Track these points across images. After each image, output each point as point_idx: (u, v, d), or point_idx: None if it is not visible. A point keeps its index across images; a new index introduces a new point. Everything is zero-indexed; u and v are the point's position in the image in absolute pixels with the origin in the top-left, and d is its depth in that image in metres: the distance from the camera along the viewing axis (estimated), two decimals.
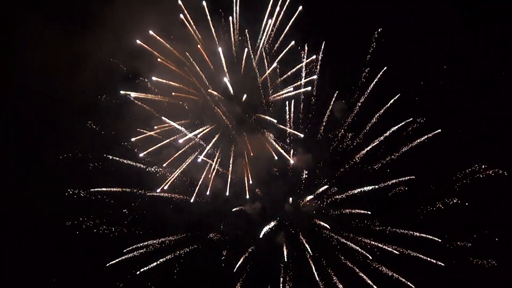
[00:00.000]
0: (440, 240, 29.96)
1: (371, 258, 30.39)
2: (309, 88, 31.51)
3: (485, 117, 30.78)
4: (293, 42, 30.86)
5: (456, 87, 31.18)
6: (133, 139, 30.85)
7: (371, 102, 31.50)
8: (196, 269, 32.18)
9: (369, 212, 30.69)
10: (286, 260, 30.92)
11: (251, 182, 30.95)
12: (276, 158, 30.81)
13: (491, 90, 31.16)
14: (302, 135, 31.49)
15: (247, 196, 31.10)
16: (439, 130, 30.37)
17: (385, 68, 30.89)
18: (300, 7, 30.67)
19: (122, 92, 30.42)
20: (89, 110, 31.69)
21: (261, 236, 31.08)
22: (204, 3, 29.91)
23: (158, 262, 31.07)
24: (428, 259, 29.89)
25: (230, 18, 30.90)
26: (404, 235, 30.70)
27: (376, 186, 30.73)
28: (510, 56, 30.99)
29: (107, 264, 30.33)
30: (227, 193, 30.83)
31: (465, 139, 30.63)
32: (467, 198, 30.39)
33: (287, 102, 31.54)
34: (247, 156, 31.29)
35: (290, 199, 32.83)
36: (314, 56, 31.29)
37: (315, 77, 31.64)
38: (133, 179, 31.67)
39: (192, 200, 30.79)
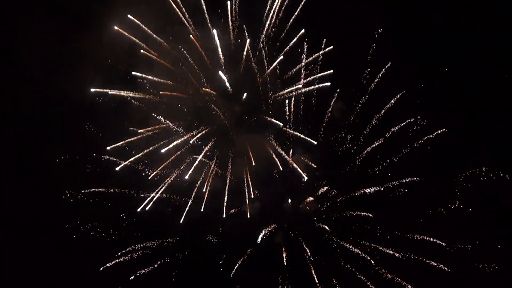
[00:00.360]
0: (444, 244, 29.33)
1: (372, 261, 29.85)
2: (328, 84, 30.17)
3: (486, 118, 30.16)
4: (303, 31, 29.69)
5: (458, 87, 30.41)
6: (108, 148, 30.11)
7: (372, 101, 30.74)
8: (194, 272, 32.09)
9: (371, 215, 30.09)
10: (285, 263, 30.50)
11: (250, 184, 30.56)
12: (280, 166, 30.12)
13: (492, 90, 30.28)
14: (315, 142, 30.26)
15: (246, 198, 30.66)
16: (444, 130, 29.55)
17: (389, 63, 29.94)
18: None
19: (92, 89, 29.12)
20: (86, 111, 31.39)
21: (258, 241, 30.71)
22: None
23: (156, 265, 30.96)
24: (432, 263, 29.28)
25: (228, 2, 29.75)
26: (406, 238, 30.10)
27: (378, 188, 30.10)
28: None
29: (101, 268, 30.25)
30: (226, 196, 30.47)
31: (467, 141, 29.92)
32: (469, 201, 29.75)
33: (286, 102, 30.88)
34: (247, 158, 30.84)
35: (289, 200, 32.37)
36: (332, 47, 30.04)
37: (331, 71, 30.22)
38: (131, 180, 31.39)
39: (190, 202, 30.50)
